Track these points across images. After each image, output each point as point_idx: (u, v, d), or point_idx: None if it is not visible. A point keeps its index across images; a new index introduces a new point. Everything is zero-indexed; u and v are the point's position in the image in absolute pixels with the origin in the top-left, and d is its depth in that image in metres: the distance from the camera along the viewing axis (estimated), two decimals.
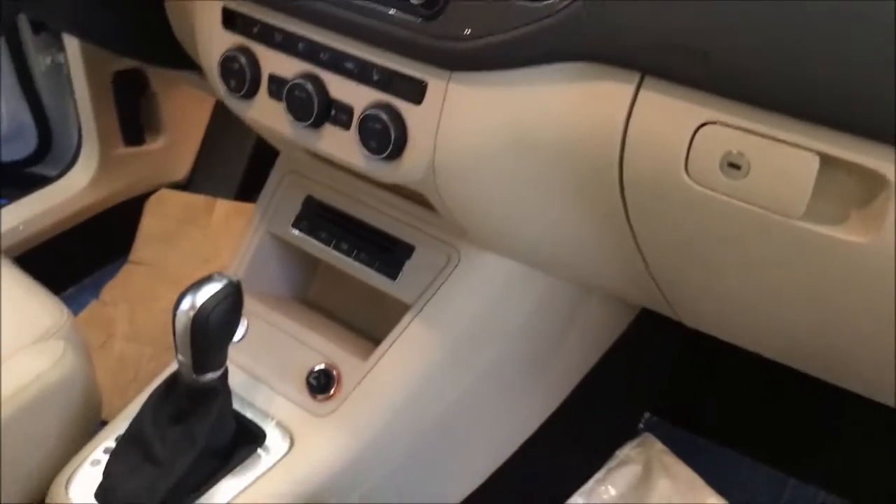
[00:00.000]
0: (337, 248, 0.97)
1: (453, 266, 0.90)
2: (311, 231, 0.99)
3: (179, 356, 0.83)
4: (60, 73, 1.61)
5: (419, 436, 0.94)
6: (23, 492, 0.92)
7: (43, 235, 1.56)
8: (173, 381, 0.88)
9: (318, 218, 0.99)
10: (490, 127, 0.72)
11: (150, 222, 1.65)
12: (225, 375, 0.87)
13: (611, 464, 1.25)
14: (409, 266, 0.92)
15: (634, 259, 0.80)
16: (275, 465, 0.88)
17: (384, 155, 0.75)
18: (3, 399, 0.87)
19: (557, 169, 0.73)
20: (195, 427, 0.86)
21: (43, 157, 1.74)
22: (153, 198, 1.66)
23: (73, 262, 1.61)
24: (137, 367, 1.46)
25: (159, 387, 0.89)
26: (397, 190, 0.91)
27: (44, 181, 1.71)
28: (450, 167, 0.74)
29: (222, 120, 1.67)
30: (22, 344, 0.93)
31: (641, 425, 1.31)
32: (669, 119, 0.65)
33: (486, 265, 0.90)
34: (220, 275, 0.84)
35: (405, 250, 0.93)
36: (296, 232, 1.00)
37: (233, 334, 0.85)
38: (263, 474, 0.88)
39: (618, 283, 0.91)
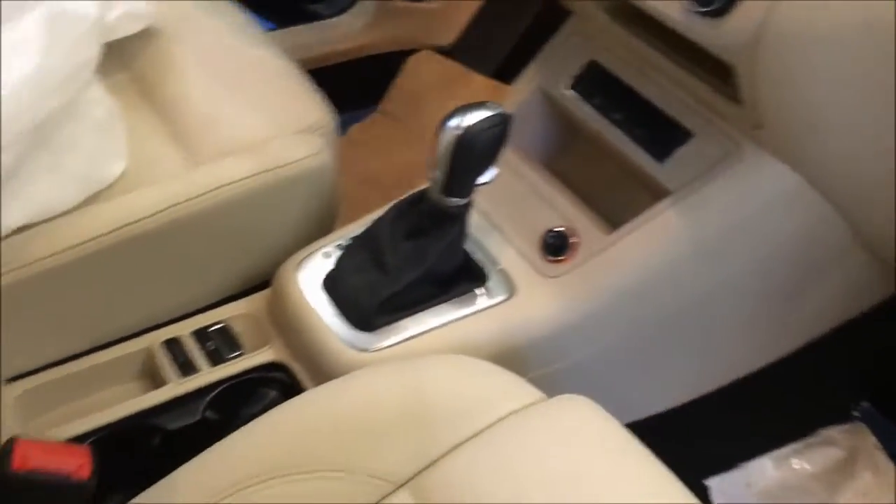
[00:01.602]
0: (608, 117, 0.92)
1: (730, 163, 0.84)
2: (586, 95, 0.95)
3: (433, 172, 0.83)
4: None
5: (638, 328, 0.90)
6: (255, 265, 0.97)
7: (306, 65, 1.62)
8: (418, 198, 0.89)
9: (597, 84, 0.95)
10: None
11: (406, 79, 1.67)
12: (468, 206, 0.86)
13: (812, 439, 1.15)
14: (681, 152, 0.87)
15: None
16: (490, 307, 0.87)
17: (711, 7, 0.69)
18: (258, 171, 0.91)
19: None
20: (428, 246, 0.86)
21: None
22: (415, 56, 1.68)
23: (329, 97, 1.67)
24: (361, 209, 1.50)
25: (403, 201, 0.90)
26: (692, 68, 0.85)
27: (315, 18, 1.79)
28: (780, 36, 0.67)
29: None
30: (288, 130, 0.98)
31: (856, 413, 1.19)
32: None
33: (766, 171, 0.83)
34: (494, 104, 0.82)
35: (681, 135, 0.87)
36: (570, 93, 0.97)
37: (490, 164, 0.84)
38: (477, 312, 0.87)
39: None
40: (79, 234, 0.83)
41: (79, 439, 0.81)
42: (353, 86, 1.68)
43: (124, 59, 1.05)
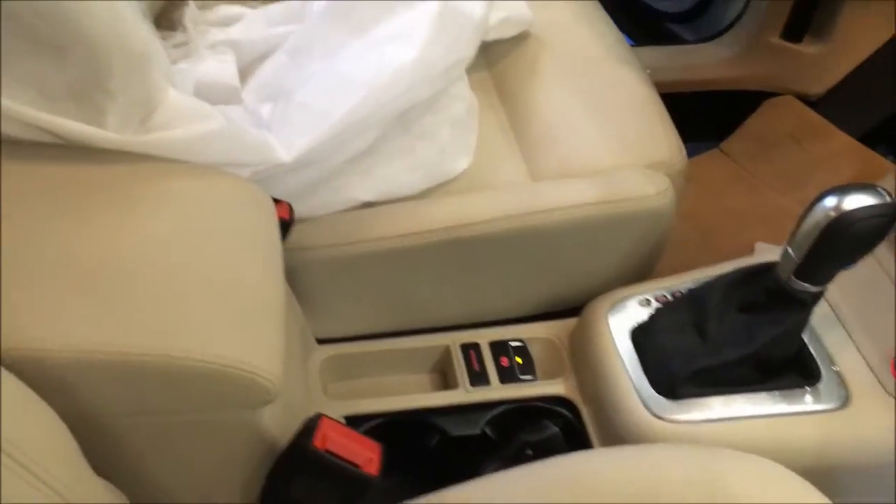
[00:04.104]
0: None
1: None
2: None
3: (789, 249, 0.74)
4: None
5: None
6: (564, 290, 0.94)
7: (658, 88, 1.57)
8: (761, 271, 0.80)
9: None
10: None
11: (759, 122, 1.56)
12: (819, 296, 0.76)
13: None
14: None
15: None
16: (816, 412, 0.77)
17: None
18: (600, 200, 0.87)
19: None
20: (760, 326, 0.78)
21: (692, 18, 1.73)
22: (774, 100, 1.55)
23: None
24: (678, 248, 1.43)
25: (742, 270, 0.82)
26: None
27: (676, 41, 1.72)
28: None
29: (893, 56, 1.47)
30: (635, 163, 0.93)
31: None
32: None
33: None
34: (882, 189, 0.71)
35: None
36: None
37: (859, 258, 0.74)
38: (799, 414, 0.77)
39: None
40: (417, 223, 0.85)
41: (367, 419, 0.83)
42: (697, 116, 1.59)
43: (489, 57, 1.07)
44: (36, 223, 0.61)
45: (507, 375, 0.88)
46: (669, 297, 0.86)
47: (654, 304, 0.86)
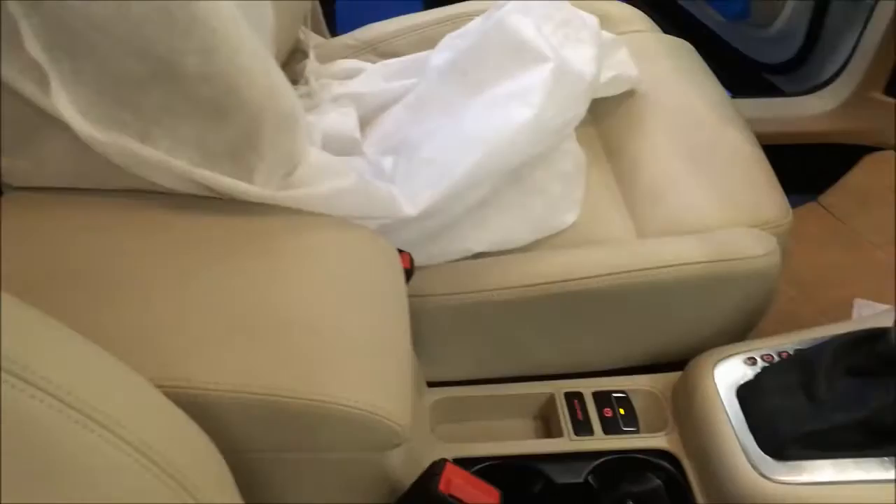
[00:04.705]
0: None
1: None
2: None
3: None
4: None
5: None
6: (667, 344, 0.96)
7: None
8: (873, 336, 0.81)
9: None
10: None
11: (859, 176, 1.55)
12: None
13: None
14: None
15: None
16: None
17: None
18: (709, 259, 0.89)
19: None
20: (871, 392, 0.78)
21: (791, 70, 1.73)
22: (875, 155, 1.55)
23: None
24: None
25: (853, 333, 0.83)
26: None
27: (775, 92, 1.72)
28: None
29: None
30: (740, 222, 0.95)
31: None
32: None
33: None
34: None
35: None
36: None
37: None
38: None
39: None
40: (529, 276, 0.88)
41: (474, 461, 0.86)
42: (795, 169, 1.58)
43: (595, 113, 1.10)
44: (193, 270, 0.66)
45: (610, 426, 0.89)
46: (775, 357, 0.87)
47: (760, 363, 0.87)
